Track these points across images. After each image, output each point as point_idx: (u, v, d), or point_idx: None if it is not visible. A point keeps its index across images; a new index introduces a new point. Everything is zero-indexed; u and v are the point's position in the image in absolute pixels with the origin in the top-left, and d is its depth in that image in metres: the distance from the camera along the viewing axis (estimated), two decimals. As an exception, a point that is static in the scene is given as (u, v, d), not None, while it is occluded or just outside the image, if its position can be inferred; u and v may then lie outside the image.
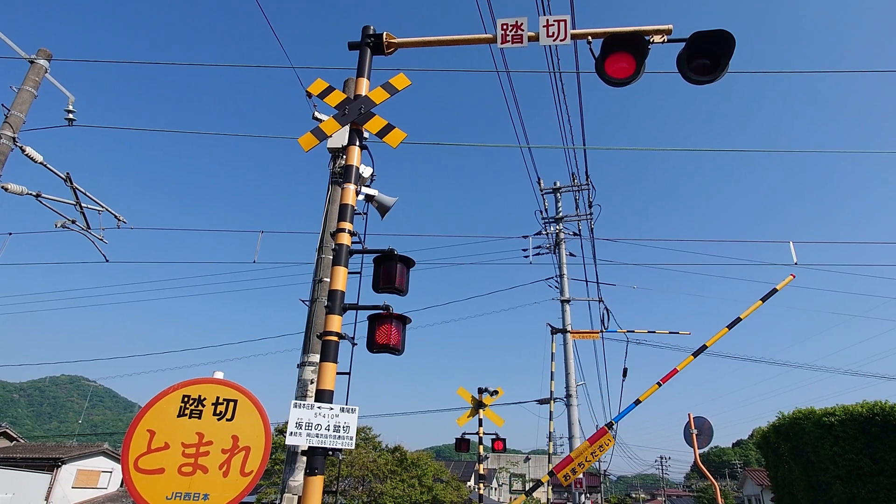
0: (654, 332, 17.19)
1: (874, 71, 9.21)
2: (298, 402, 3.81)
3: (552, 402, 16.35)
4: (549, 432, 16.90)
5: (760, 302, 8.35)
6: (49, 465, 29.20)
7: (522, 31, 5.31)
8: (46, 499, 28.12)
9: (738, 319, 8.36)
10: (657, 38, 5.11)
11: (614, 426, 8.25)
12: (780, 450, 11.88)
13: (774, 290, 8.48)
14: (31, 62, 8.59)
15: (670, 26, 5.10)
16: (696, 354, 8.29)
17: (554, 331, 16.83)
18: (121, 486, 32.49)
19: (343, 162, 5.75)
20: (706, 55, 5.07)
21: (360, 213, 5.41)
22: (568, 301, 17.31)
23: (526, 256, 17.99)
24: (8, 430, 34.89)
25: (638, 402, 8.24)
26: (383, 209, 6.90)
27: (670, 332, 17.07)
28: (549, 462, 18.10)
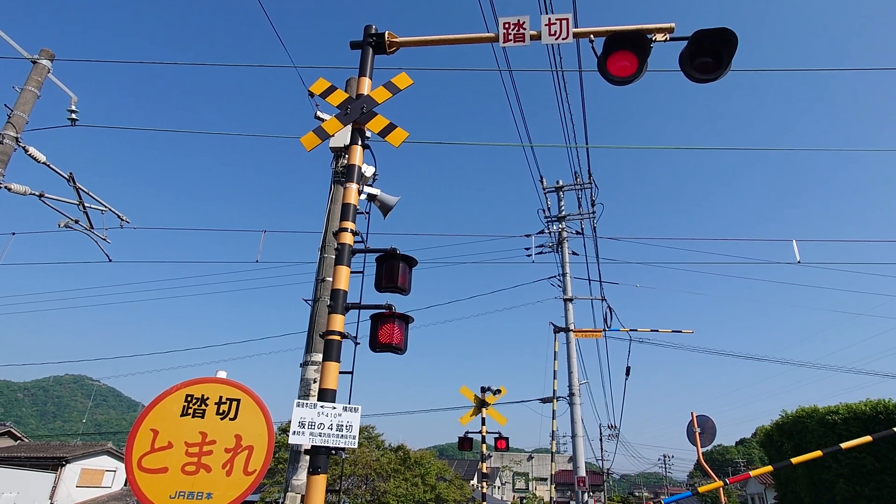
0: (657, 330, 17.21)
1: (877, 69, 9.17)
2: (301, 401, 3.82)
3: (555, 400, 16.35)
4: (553, 431, 16.90)
5: (870, 438, 7.49)
6: (53, 464, 29.33)
7: (524, 29, 5.30)
8: (50, 498, 28.25)
9: (839, 447, 7.49)
10: (659, 37, 5.09)
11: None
12: (783, 448, 11.84)
13: (893, 432, 7.58)
14: (34, 62, 8.61)
15: (672, 25, 5.08)
16: (776, 466, 8.40)
17: (557, 329, 16.81)
18: (124, 485, 32.61)
19: (345, 161, 5.74)
20: (709, 53, 5.05)
21: (362, 213, 5.42)
22: (571, 300, 17.29)
23: (528, 255, 17.98)
24: (12, 430, 35.06)
25: (696, 493, 8.11)
26: (386, 208, 6.89)
27: (673, 331, 17.08)
28: (552, 460, 18.10)
